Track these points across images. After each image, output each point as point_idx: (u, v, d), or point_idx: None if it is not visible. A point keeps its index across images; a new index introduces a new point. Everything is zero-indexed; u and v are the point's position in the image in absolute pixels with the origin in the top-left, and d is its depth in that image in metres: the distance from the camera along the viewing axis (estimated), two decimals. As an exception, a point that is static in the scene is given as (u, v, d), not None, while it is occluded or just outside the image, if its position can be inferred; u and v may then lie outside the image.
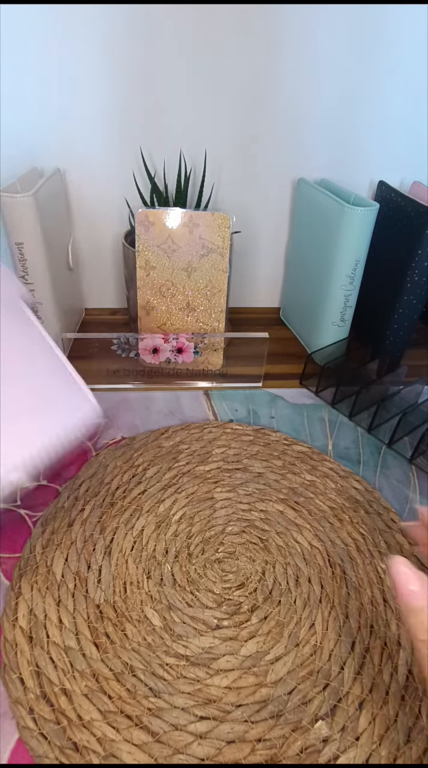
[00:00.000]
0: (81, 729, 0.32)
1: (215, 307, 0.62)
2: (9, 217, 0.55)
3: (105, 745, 0.31)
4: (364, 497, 0.49)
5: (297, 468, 0.52)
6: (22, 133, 0.63)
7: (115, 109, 0.63)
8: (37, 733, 0.32)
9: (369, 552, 0.44)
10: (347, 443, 0.56)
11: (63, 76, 0.60)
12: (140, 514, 0.46)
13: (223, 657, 0.36)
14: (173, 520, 0.46)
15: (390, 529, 0.46)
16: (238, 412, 0.60)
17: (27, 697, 0.33)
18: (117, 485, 0.49)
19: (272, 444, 0.54)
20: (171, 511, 0.46)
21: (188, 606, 0.39)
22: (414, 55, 0.61)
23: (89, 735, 0.32)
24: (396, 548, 0.44)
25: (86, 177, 0.67)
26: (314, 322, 0.68)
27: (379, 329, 0.66)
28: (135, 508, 0.46)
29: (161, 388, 0.63)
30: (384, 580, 0.41)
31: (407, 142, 0.68)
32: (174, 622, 0.38)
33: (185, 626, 0.37)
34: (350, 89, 0.63)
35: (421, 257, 0.59)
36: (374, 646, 0.37)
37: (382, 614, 0.39)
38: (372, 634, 0.38)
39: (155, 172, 0.67)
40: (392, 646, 0.37)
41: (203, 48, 0.60)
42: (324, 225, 0.61)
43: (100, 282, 0.77)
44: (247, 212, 0.72)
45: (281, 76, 0.62)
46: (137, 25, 0.58)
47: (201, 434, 0.55)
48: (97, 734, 0.32)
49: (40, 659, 0.35)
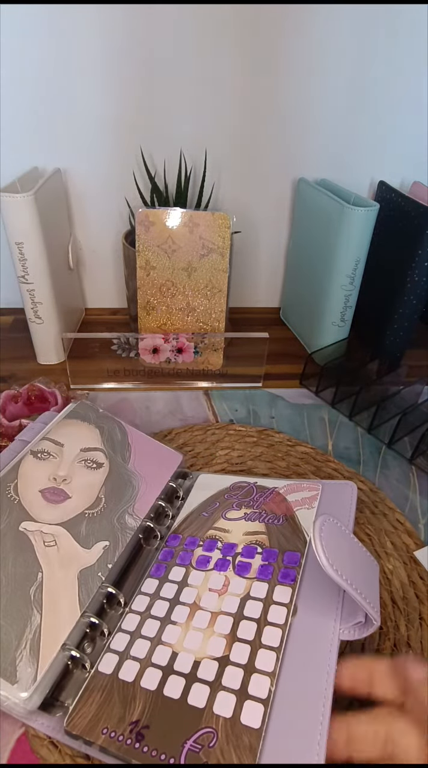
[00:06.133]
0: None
1: (215, 307, 0.62)
2: (9, 217, 0.55)
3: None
4: (369, 498, 0.49)
5: (302, 469, 0.51)
6: (22, 133, 0.63)
7: (115, 108, 0.63)
8: (47, 742, 0.32)
9: (375, 553, 0.43)
10: (347, 443, 0.56)
11: (63, 76, 0.60)
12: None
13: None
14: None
15: (396, 530, 0.45)
16: (238, 412, 0.60)
17: None
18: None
19: (276, 445, 0.54)
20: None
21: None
22: (414, 55, 0.61)
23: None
24: (402, 548, 0.44)
25: (86, 177, 0.67)
26: (314, 322, 0.68)
27: (379, 329, 0.66)
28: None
29: (161, 388, 0.63)
30: (392, 581, 0.41)
31: (407, 142, 0.67)
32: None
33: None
34: (350, 89, 0.63)
35: (421, 257, 0.59)
36: (384, 647, 0.37)
37: (391, 615, 0.39)
38: (381, 636, 0.38)
39: (156, 171, 0.67)
40: (401, 647, 0.37)
41: (203, 48, 0.60)
42: (324, 225, 0.61)
43: (100, 282, 0.77)
44: (247, 212, 0.72)
45: (281, 76, 0.62)
46: (137, 25, 0.58)
47: (204, 436, 0.55)
48: None
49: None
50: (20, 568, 0.35)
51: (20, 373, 0.64)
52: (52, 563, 0.36)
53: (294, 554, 0.37)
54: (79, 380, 0.61)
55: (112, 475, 0.43)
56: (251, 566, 0.37)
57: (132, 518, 0.40)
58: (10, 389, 0.54)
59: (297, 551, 0.37)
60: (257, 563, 0.37)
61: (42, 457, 0.42)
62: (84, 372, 0.62)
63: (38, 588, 0.34)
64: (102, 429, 0.46)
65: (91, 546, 0.37)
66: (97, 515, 0.39)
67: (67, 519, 0.39)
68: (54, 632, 0.32)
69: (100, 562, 0.37)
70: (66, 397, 0.55)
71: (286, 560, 0.37)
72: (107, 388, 0.62)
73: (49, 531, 0.37)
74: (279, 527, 0.39)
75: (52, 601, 0.34)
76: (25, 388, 0.55)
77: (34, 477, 0.41)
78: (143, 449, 0.46)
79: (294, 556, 0.37)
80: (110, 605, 0.36)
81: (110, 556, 0.37)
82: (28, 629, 0.32)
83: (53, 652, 0.31)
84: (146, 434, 0.48)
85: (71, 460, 0.43)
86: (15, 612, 0.33)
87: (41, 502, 0.39)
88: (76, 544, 0.37)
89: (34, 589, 0.34)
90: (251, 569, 0.36)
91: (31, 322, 0.63)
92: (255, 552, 0.38)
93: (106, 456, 0.44)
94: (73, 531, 0.38)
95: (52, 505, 0.39)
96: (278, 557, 0.37)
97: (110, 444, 0.45)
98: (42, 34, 0.57)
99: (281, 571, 0.36)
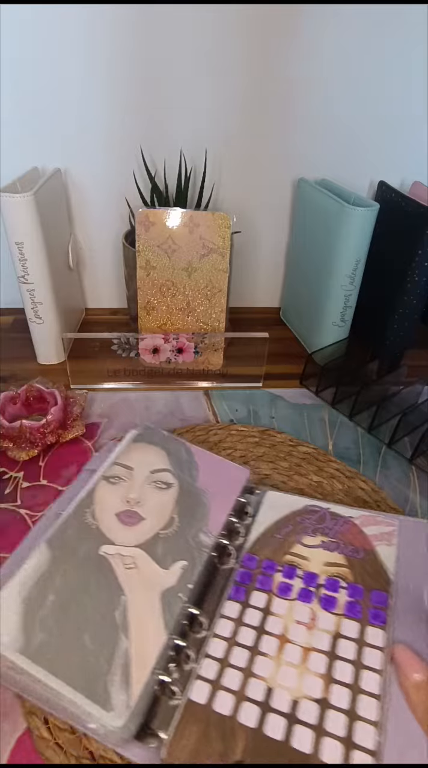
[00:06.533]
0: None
1: (215, 307, 0.62)
2: (9, 217, 0.55)
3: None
4: (371, 498, 0.49)
5: (304, 469, 0.52)
6: (22, 133, 0.63)
7: (115, 108, 0.63)
8: (52, 743, 0.32)
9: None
10: (347, 443, 0.56)
11: (63, 76, 0.60)
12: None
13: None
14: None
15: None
16: (238, 412, 0.60)
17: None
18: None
19: (278, 445, 0.54)
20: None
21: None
22: (414, 55, 0.61)
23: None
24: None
25: (86, 177, 0.67)
26: (314, 322, 0.68)
27: (379, 329, 0.66)
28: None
29: (161, 388, 0.63)
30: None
31: (407, 142, 0.67)
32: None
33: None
34: (350, 89, 0.63)
35: (421, 257, 0.59)
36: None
37: None
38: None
39: (156, 171, 0.67)
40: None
41: (203, 48, 0.60)
42: (324, 225, 0.61)
43: (100, 282, 0.77)
44: (247, 212, 0.72)
45: (281, 77, 0.62)
46: (137, 25, 0.57)
47: (206, 436, 0.55)
48: None
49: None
50: (104, 592, 0.35)
51: (20, 373, 0.64)
52: (133, 586, 0.35)
53: (381, 594, 0.36)
54: (80, 380, 0.61)
55: (182, 495, 0.43)
56: (337, 601, 0.36)
57: (206, 536, 0.40)
58: (9, 390, 0.54)
59: (383, 591, 0.36)
60: (343, 599, 0.36)
61: (114, 482, 0.43)
62: (84, 372, 0.62)
63: (123, 611, 0.34)
64: (168, 450, 0.47)
65: (170, 566, 0.37)
66: (171, 535, 0.39)
67: (143, 540, 0.39)
68: (143, 656, 0.32)
69: (181, 582, 0.36)
70: (65, 397, 0.55)
71: (374, 600, 0.36)
72: (107, 388, 0.62)
73: (128, 553, 0.37)
74: (361, 561, 0.39)
75: (138, 624, 0.33)
76: (23, 388, 0.55)
77: (109, 501, 0.41)
78: (210, 466, 0.46)
79: (382, 596, 0.36)
80: (191, 627, 0.36)
81: (188, 575, 0.37)
82: (117, 654, 0.32)
83: (144, 677, 0.31)
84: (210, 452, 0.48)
85: (141, 482, 0.43)
86: (103, 636, 0.32)
87: (118, 525, 0.39)
88: (156, 565, 0.37)
89: (118, 612, 0.34)
90: (338, 605, 0.36)
91: (31, 322, 0.63)
92: (339, 586, 0.37)
93: (174, 476, 0.44)
94: (150, 552, 0.38)
95: (128, 527, 0.39)
96: (365, 595, 0.36)
97: (177, 464, 0.46)
98: (42, 34, 0.57)
99: (371, 611, 0.35)
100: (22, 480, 0.49)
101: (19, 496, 0.48)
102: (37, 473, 0.50)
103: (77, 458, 0.52)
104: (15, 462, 0.51)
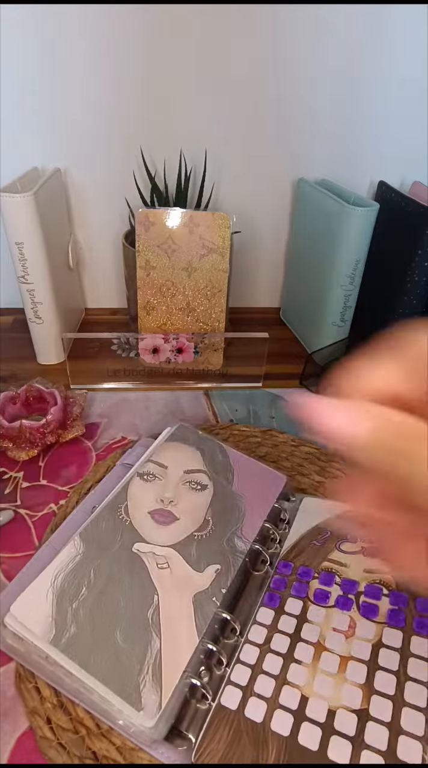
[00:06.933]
0: (100, 738, 0.31)
1: (215, 307, 0.62)
2: (9, 217, 0.55)
3: (125, 754, 0.31)
4: None
5: (306, 470, 0.51)
6: (22, 133, 0.63)
7: (115, 108, 0.63)
8: (55, 743, 0.31)
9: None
10: (347, 443, 0.56)
11: (63, 76, 0.60)
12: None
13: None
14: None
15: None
16: (238, 412, 0.60)
17: (44, 706, 0.33)
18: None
19: (280, 445, 0.54)
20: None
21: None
22: (414, 55, 0.61)
23: (109, 744, 0.31)
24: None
25: (86, 177, 0.67)
26: (314, 322, 0.68)
27: (379, 329, 0.66)
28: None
29: (161, 388, 0.63)
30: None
31: (407, 142, 0.67)
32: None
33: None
34: (350, 89, 0.63)
35: (421, 257, 0.59)
36: None
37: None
38: None
39: (156, 171, 0.67)
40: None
41: (203, 48, 0.60)
42: (324, 225, 0.61)
43: (100, 282, 0.77)
44: (247, 212, 0.72)
45: (281, 76, 0.62)
46: (137, 25, 0.58)
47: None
48: (117, 743, 0.31)
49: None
50: (137, 590, 0.34)
51: (20, 373, 0.64)
52: (166, 586, 0.35)
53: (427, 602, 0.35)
54: (79, 380, 0.61)
55: (217, 497, 0.42)
56: (378, 609, 0.35)
57: (241, 541, 0.39)
58: (9, 390, 0.54)
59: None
60: (385, 606, 0.35)
61: (148, 479, 0.43)
62: (84, 372, 0.62)
63: (155, 611, 0.33)
64: (203, 451, 0.46)
65: (204, 569, 0.37)
66: (206, 537, 0.39)
67: (177, 541, 0.38)
68: (174, 658, 0.31)
69: (214, 586, 0.36)
70: (65, 397, 0.55)
71: (419, 608, 0.35)
72: (107, 388, 0.62)
73: (162, 553, 0.37)
74: None
75: (170, 625, 0.33)
76: (23, 388, 0.55)
77: (143, 498, 0.41)
78: (246, 470, 0.45)
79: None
80: (223, 633, 0.35)
81: (222, 580, 0.36)
82: (148, 654, 0.31)
83: (175, 679, 0.30)
84: (247, 456, 0.47)
85: (176, 482, 0.43)
86: (135, 635, 0.32)
87: (151, 524, 0.39)
88: (189, 567, 0.37)
89: (151, 612, 0.33)
90: (379, 613, 0.35)
91: (31, 322, 0.63)
92: (380, 593, 0.36)
93: (209, 478, 0.44)
94: (184, 553, 0.37)
95: (162, 527, 0.39)
96: (409, 603, 0.35)
97: (213, 466, 0.45)
98: (42, 34, 0.57)
99: (416, 620, 0.34)
100: (21, 480, 0.49)
101: (19, 496, 0.48)
102: (36, 473, 0.50)
103: (77, 458, 0.52)
104: (15, 462, 0.51)
